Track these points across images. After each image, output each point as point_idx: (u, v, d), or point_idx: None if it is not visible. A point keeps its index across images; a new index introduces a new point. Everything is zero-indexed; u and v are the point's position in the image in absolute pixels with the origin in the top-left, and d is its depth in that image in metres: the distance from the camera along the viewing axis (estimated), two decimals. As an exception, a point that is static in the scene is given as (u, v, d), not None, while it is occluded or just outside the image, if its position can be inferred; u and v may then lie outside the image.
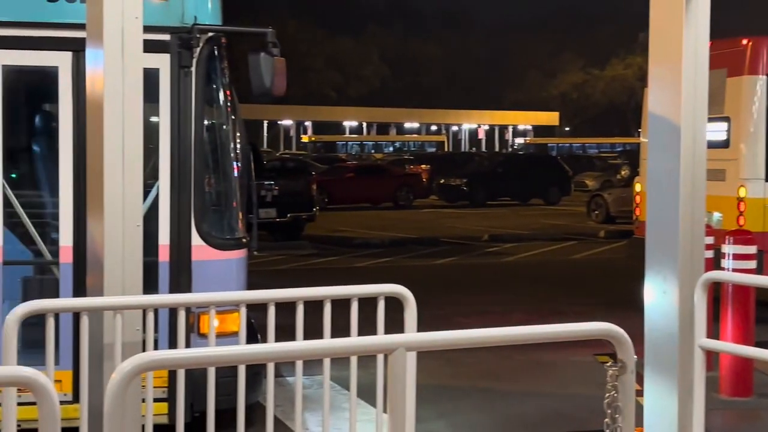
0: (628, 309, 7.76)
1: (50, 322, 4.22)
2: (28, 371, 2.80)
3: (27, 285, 6.52)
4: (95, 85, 4.54)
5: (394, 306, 4.75)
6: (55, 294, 6.21)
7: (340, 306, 4.66)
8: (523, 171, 33.29)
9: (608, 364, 3.66)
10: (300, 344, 3.59)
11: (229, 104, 6.65)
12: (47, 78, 6.29)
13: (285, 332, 4.46)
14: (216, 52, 6.38)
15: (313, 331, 4.43)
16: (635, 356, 3.63)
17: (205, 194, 6.46)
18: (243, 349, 3.60)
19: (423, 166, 36.81)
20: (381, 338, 3.58)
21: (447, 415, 7.36)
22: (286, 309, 4.60)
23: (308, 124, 66.84)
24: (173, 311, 5.81)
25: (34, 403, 5.01)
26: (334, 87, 67.02)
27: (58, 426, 2.79)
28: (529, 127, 74.10)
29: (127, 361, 2.97)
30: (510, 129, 74.23)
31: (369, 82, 69.71)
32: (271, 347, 3.38)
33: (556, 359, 8.96)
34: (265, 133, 64.17)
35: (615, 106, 73.04)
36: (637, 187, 12.76)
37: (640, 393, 4.64)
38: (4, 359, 4.09)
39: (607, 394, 3.65)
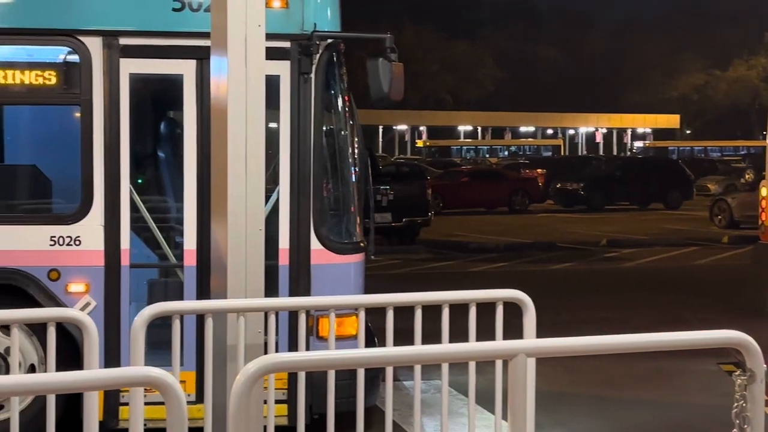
0: (755, 317, 7.51)
1: (176, 324, 4.33)
2: (157, 372, 2.88)
3: (152, 287, 6.71)
4: (219, 92, 4.64)
5: (510, 311, 4.71)
6: (179, 296, 6.38)
7: (456, 310, 4.64)
8: (643, 175, 32.58)
9: (736, 374, 3.55)
10: (421, 349, 3.59)
11: (347, 110, 6.72)
12: (172, 86, 6.46)
13: (399, 336, 4.48)
14: (335, 58, 6.45)
15: (426, 335, 4.44)
16: (765, 365, 3.51)
17: (324, 199, 6.53)
18: (366, 352, 3.62)
19: (539, 170, 36.41)
20: (501, 344, 3.56)
21: (565, 423, 7.26)
22: (401, 313, 4.61)
23: (423, 128, 66.95)
24: (292, 314, 5.91)
25: (158, 403, 5.19)
26: (449, 91, 66.92)
27: (185, 425, 2.85)
28: (648, 130, 72.56)
29: (251, 363, 3.03)
30: (629, 132, 72.83)
31: (484, 86, 69.33)
32: (394, 351, 3.38)
33: (678, 368, 8.73)
34: (380, 138, 64.56)
35: (738, 108, 70.91)
36: (764, 191, 12.34)
37: (768, 403, 4.49)
38: (132, 360, 4.22)
39: (735, 404, 3.54)
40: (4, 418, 5.93)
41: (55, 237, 6.23)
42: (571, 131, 73.17)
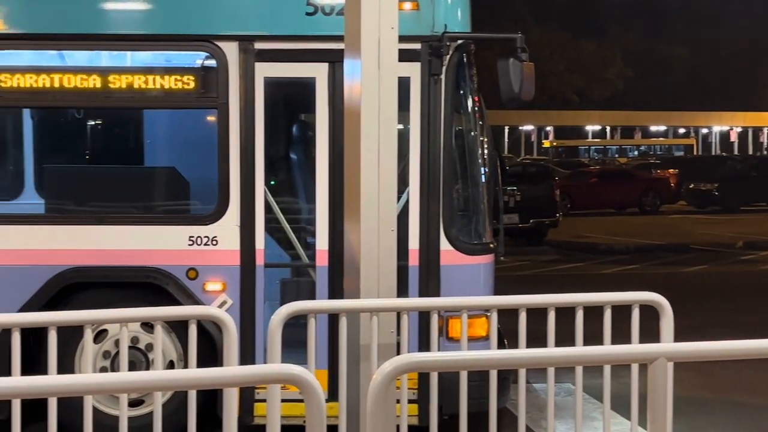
0: None
1: (311, 323, 4.40)
2: (297, 369, 2.93)
3: (285, 287, 6.84)
4: (353, 95, 4.70)
5: (641, 314, 4.61)
6: (311, 296, 6.48)
7: (586, 313, 4.57)
8: (781, 174, 31.42)
9: None
10: (557, 351, 3.55)
11: (477, 111, 6.70)
12: (305, 89, 6.57)
13: (527, 338, 4.44)
14: (465, 59, 6.44)
15: (554, 338, 4.38)
16: None
17: (454, 200, 6.53)
18: (502, 353, 3.61)
19: (670, 170, 35.47)
20: (640, 347, 3.48)
21: (701, 429, 7.06)
22: (529, 315, 4.56)
23: (549, 128, 66.18)
24: (422, 314, 5.93)
25: (291, 400, 5.28)
26: (575, 90, 65.94)
27: (324, 423, 2.90)
28: (787, 128, 69.86)
29: (388, 362, 3.05)
30: (765, 131, 70.29)
31: (612, 85, 68.06)
32: (532, 353, 3.35)
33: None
34: (506, 139, 64.11)
35: None
36: None
37: None
38: (268, 358, 4.30)
39: None
40: (144, 413, 6.15)
41: (193, 237, 6.41)
42: (704, 130, 71.06)
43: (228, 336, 4.25)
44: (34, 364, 5.72)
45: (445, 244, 6.38)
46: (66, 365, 6.13)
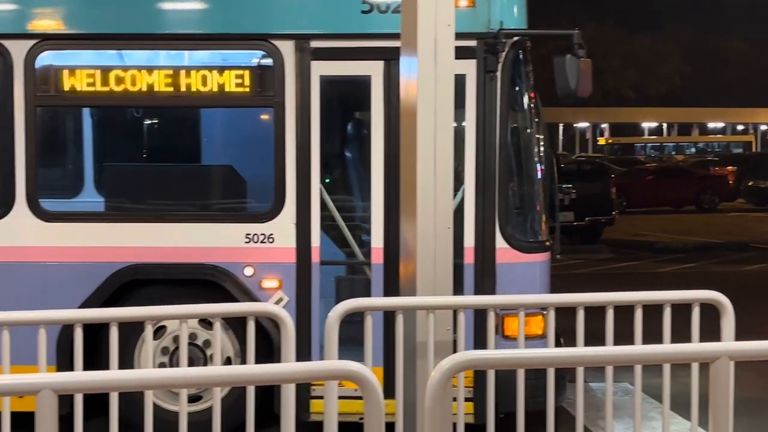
0: None
1: (368, 320, 4.41)
2: (355, 366, 2.94)
3: (340, 284, 6.87)
4: (409, 93, 4.70)
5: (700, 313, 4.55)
6: (366, 293, 6.50)
7: (643, 312, 4.52)
8: None
9: None
10: (617, 349, 3.51)
11: (533, 108, 6.67)
12: (360, 87, 6.59)
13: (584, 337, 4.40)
14: (521, 56, 6.41)
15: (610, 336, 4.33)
16: None
17: (510, 197, 6.51)
18: (562, 352, 3.57)
19: (729, 167, 34.95)
20: (702, 346, 3.43)
21: (762, 431, 6.95)
22: (586, 313, 4.52)
23: (604, 125, 65.54)
24: (477, 312, 5.91)
25: (348, 397, 5.30)
26: (631, 87, 65.22)
27: (382, 420, 2.90)
28: None
29: (446, 360, 3.05)
30: (826, 127, 68.91)
31: (668, 81, 67.18)
32: (592, 352, 3.31)
33: None
34: (561, 136, 63.64)
35: None
36: None
37: None
38: (326, 354, 4.32)
39: None
40: (201, 409, 6.21)
41: (250, 234, 6.46)
42: (764, 127, 69.84)
43: (285, 333, 4.28)
44: (92, 359, 5.81)
45: (500, 242, 6.36)
46: (125, 361, 6.21)
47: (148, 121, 8.15)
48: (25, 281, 6.47)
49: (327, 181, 6.99)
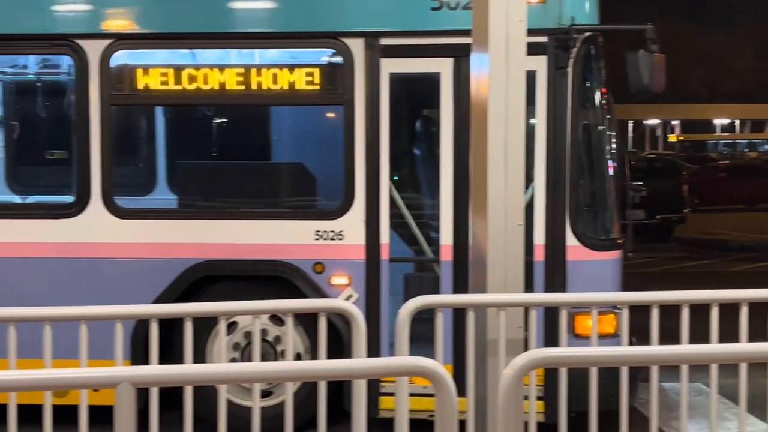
0: None
1: (439, 317, 4.41)
2: (429, 362, 2.94)
3: (409, 281, 6.87)
4: (480, 90, 4.68)
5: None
6: (435, 291, 6.49)
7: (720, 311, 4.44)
8: None
9: None
10: (694, 348, 3.45)
11: (604, 104, 6.59)
12: (429, 84, 6.58)
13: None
14: (593, 52, 6.35)
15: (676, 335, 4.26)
16: None
17: (581, 194, 6.45)
18: (637, 350, 3.54)
19: (804, 164, 34.17)
20: (780, 346, 3.36)
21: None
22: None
23: (675, 122, 64.52)
24: (547, 310, 5.86)
25: (417, 394, 5.30)
26: (703, 83, 64.11)
27: (455, 417, 2.90)
28: None
29: (520, 357, 3.03)
30: None
31: (742, 78, 65.90)
32: (671, 350, 3.25)
33: None
34: (630, 133, 62.83)
35: None
36: None
37: None
38: (396, 351, 4.33)
39: None
40: (271, 404, 6.26)
41: (320, 231, 6.50)
42: (842, 123, 68.09)
43: (357, 329, 4.29)
44: (163, 355, 5.89)
45: (571, 240, 6.30)
46: (197, 356, 6.26)
47: (220, 119, 8.24)
48: (100, 277, 6.59)
49: (396, 178, 7.00)
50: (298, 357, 6.57)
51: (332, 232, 6.51)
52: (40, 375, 2.86)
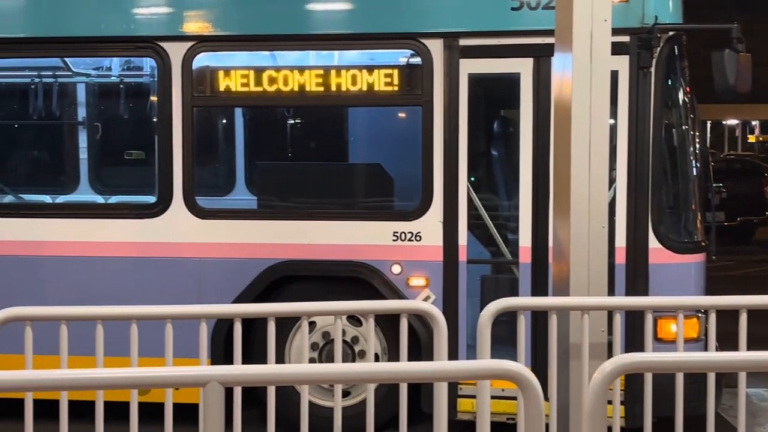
0: None
1: (521, 320, 4.37)
2: (516, 366, 2.90)
3: (487, 283, 6.83)
4: (563, 90, 4.63)
5: None
6: (513, 293, 6.44)
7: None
8: None
9: None
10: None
11: (688, 104, 6.48)
12: (508, 84, 6.54)
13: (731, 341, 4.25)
14: (676, 51, 6.25)
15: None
16: None
17: (663, 196, 6.34)
18: (728, 356, 3.44)
19: None
20: None
21: None
22: (730, 317, 4.38)
23: (755, 123, 63.17)
24: (628, 314, 5.77)
25: (496, 397, 5.25)
26: (783, 83, 62.62)
27: (542, 420, 2.86)
28: None
29: (609, 362, 2.98)
30: None
31: (824, 76, 64.25)
32: (764, 356, 3.16)
33: None
34: (708, 134, 61.70)
35: None
36: None
37: None
38: (478, 354, 4.30)
39: None
40: (347, 405, 6.27)
41: (397, 232, 6.50)
42: None
43: (438, 331, 4.28)
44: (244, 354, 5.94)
45: (653, 242, 6.20)
46: (276, 356, 6.34)
47: (298, 120, 8.30)
48: (180, 277, 6.68)
49: (474, 179, 6.96)
50: (375, 358, 6.58)
51: (410, 233, 6.50)
52: (130, 373, 2.90)
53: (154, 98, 7.54)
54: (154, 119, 7.05)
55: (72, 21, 6.79)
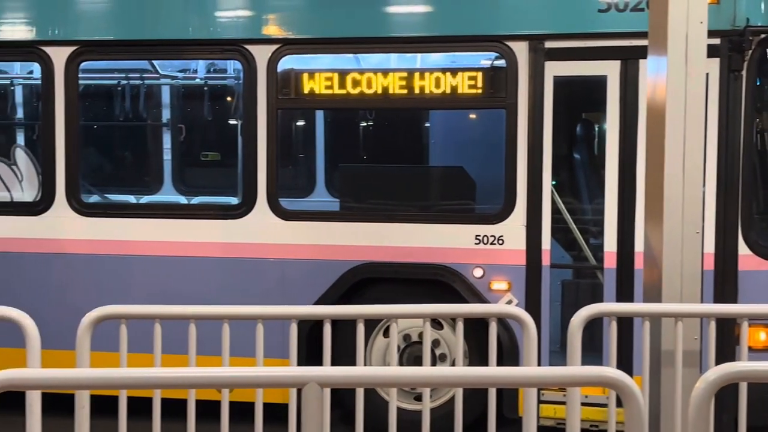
0: None
1: (613, 326, 4.31)
2: (616, 373, 2.87)
3: (570, 288, 6.76)
4: (656, 93, 4.55)
5: None
6: (594, 298, 6.37)
7: None
8: None
9: None
10: None
11: (781, 108, 6.34)
12: (594, 87, 6.46)
13: None
14: (768, 54, 6.12)
15: None
16: None
17: (753, 201, 6.21)
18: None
19: None
20: None
21: None
22: None
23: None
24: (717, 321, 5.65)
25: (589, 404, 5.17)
26: None
27: (645, 428, 2.82)
28: None
29: (712, 371, 2.92)
30: None
31: None
32: None
33: None
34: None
35: None
36: None
37: None
38: (569, 360, 4.25)
39: None
40: (438, 405, 6.24)
41: (479, 236, 6.46)
42: None
43: (528, 336, 4.24)
44: (311, 355, 5.95)
45: (743, 249, 6.07)
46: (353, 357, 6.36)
47: (380, 123, 8.31)
48: (263, 277, 6.73)
49: (558, 183, 6.90)
50: (453, 361, 6.56)
51: (492, 236, 6.47)
52: (231, 373, 2.93)
53: (237, 100, 7.63)
54: (238, 121, 7.12)
55: (161, 24, 6.90)
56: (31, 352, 3.86)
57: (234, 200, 6.99)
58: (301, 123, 8.19)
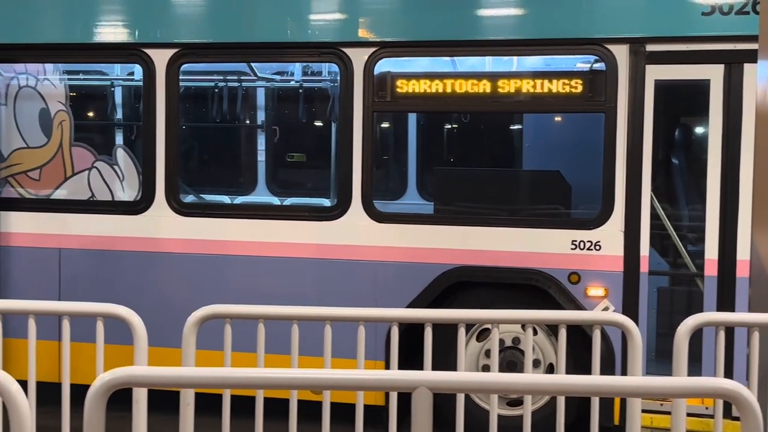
0: None
1: (721, 335, 4.22)
2: (732, 384, 2.79)
3: (668, 296, 6.64)
4: (766, 98, 4.44)
5: None
6: (693, 306, 6.25)
7: None
8: None
9: None
10: None
11: None
12: (697, 91, 6.33)
13: None
14: None
15: None
16: None
17: None
18: None
19: None
20: None
21: None
22: None
23: None
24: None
25: (660, 412, 5.07)
26: None
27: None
28: None
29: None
30: None
31: None
32: None
33: None
34: None
35: None
36: None
37: None
38: (675, 370, 4.17)
39: None
40: (517, 414, 6.19)
41: (576, 241, 6.38)
42: None
43: (633, 344, 4.17)
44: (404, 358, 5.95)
45: None
46: (446, 361, 6.34)
47: (475, 126, 8.27)
48: (357, 279, 6.75)
49: (657, 188, 6.78)
50: (550, 368, 6.49)
51: (589, 242, 6.38)
52: (341, 375, 2.94)
53: (332, 103, 7.68)
54: (332, 123, 7.16)
55: (258, 27, 6.98)
56: (138, 350, 3.93)
57: (326, 202, 7.02)
58: (396, 125, 8.20)
